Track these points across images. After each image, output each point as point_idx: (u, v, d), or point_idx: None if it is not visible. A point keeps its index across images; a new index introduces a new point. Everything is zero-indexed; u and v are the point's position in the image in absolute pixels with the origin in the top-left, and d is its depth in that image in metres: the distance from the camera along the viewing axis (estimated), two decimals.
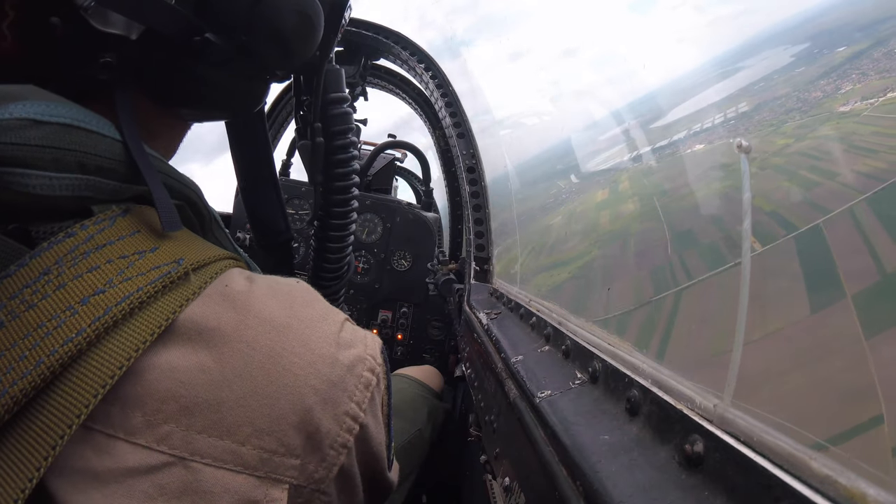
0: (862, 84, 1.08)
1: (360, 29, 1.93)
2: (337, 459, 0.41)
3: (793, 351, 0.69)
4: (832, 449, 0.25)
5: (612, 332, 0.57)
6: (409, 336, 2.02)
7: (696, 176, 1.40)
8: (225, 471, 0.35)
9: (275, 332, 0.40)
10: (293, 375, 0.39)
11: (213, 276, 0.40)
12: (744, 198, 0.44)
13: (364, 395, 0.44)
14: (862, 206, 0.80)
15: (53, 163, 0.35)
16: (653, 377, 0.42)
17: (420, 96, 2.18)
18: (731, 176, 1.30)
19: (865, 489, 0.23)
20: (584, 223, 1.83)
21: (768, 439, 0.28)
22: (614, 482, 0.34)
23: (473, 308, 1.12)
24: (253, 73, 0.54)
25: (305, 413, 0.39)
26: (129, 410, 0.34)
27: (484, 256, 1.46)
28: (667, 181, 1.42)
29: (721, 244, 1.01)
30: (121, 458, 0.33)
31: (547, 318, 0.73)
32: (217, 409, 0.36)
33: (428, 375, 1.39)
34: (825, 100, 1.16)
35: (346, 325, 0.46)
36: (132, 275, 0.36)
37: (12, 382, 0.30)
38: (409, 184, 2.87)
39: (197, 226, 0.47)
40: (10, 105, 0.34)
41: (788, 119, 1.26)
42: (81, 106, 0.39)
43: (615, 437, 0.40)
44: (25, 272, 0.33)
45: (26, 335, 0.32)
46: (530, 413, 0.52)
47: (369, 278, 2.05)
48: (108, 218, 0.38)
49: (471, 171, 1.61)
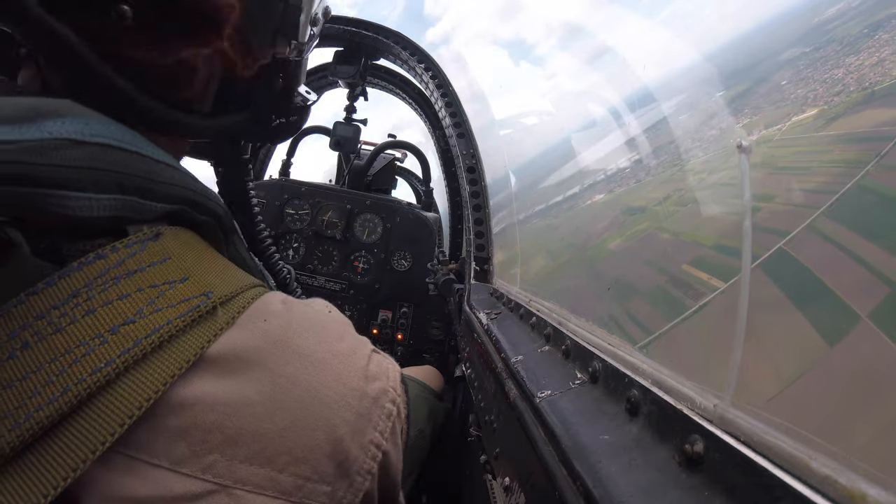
0: (758, 116, 1.10)
1: (360, 29, 1.93)
2: (363, 485, 0.44)
3: (834, 400, 0.61)
4: (832, 449, 0.25)
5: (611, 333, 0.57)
6: (409, 336, 2.02)
7: (607, 223, 1.42)
8: (264, 497, 0.37)
9: (312, 367, 0.43)
10: (328, 408, 0.42)
11: (244, 307, 0.41)
12: (744, 198, 0.44)
13: (386, 425, 0.47)
14: (822, 220, 0.78)
15: (93, 184, 0.35)
16: (653, 377, 0.42)
17: (420, 96, 2.18)
18: (650, 217, 1.31)
19: (865, 489, 0.23)
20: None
21: (768, 439, 0.28)
22: (614, 482, 0.34)
23: (473, 308, 1.12)
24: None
25: (337, 443, 0.42)
26: (175, 441, 0.34)
27: (484, 256, 1.46)
28: (572, 234, 1.41)
29: (663, 288, 0.98)
30: (166, 486, 0.34)
31: (547, 318, 0.73)
32: (259, 439, 0.38)
33: (428, 375, 1.39)
34: (724, 135, 1.17)
35: (372, 357, 0.50)
36: (162, 306, 0.36)
37: (37, 407, 0.30)
38: (409, 184, 2.87)
39: (222, 241, 0.48)
40: (49, 122, 0.34)
41: (690, 157, 1.27)
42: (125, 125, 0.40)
43: (615, 437, 0.40)
44: (53, 292, 0.33)
45: (53, 359, 0.31)
46: (530, 413, 0.52)
47: (369, 278, 2.06)
48: (139, 241, 0.38)
49: (471, 171, 1.61)
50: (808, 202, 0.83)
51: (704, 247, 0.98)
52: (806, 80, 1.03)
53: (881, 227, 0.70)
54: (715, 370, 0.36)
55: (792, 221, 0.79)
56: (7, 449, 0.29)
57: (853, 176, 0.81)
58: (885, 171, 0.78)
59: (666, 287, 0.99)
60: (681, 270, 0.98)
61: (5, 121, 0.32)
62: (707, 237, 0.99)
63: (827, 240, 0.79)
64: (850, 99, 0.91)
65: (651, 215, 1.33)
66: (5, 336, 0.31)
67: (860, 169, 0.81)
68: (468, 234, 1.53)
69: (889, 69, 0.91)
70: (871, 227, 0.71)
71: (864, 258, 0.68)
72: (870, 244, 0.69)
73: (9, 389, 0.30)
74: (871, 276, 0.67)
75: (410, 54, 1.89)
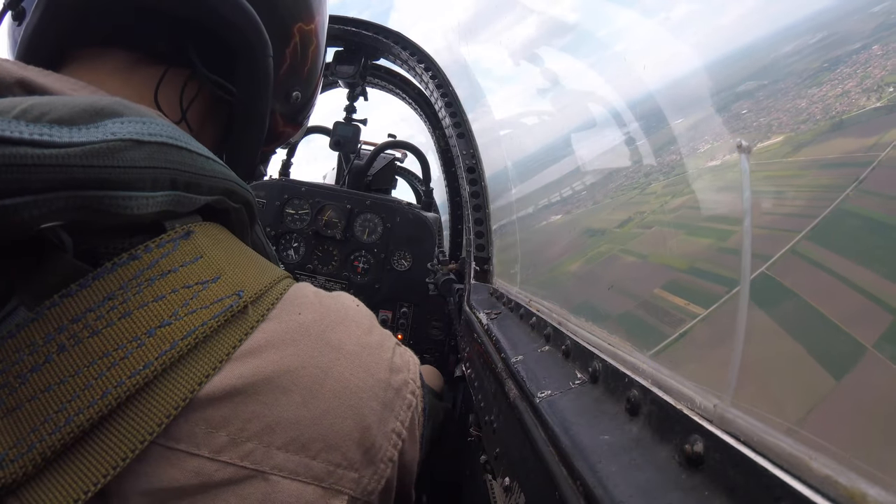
0: (720, 142, 1.09)
1: (359, 29, 1.93)
2: (385, 472, 0.46)
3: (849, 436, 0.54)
4: (832, 449, 0.25)
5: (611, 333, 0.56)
6: (409, 336, 2.02)
7: (566, 244, 1.41)
8: (298, 482, 0.38)
9: (345, 359, 0.45)
10: (358, 398, 0.44)
11: (275, 301, 0.43)
12: (744, 197, 0.44)
13: (406, 415, 0.50)
14: (805, 245, 0.75)
15: (152, 182, 0.35)
16: (653, 377, 0.42)
17: (420, 96, 2.18)
18: (613, 240, 1.30)
19: (865, 489, 0.23)
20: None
21: (768, 439, 0.28)
22: (614, 482, 0.34)
23: (473, 308, 1.12)
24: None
25: (365, 430, 0.44)
26: (216, 430, 0.35)
27: (484, 256, 1.46)
28: (528, 255, 1.40)
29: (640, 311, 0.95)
30: (207, 474, 0.35)
31: (547, 318, 0.73)
32: (295, 426, 0.39)
33: (428, 375, 1.39)
34: (685, 159, 1.16)
35: (396, 349, 0.53)
36: (196, 307, 0.36)
37: (77, 411, 0.30)
38: (410, 184, 2.87)
39: (248, 226, 0.51)
40: (108, 123, 0.34)
41: (651, 181, 1.26)
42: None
43: (615, 437, 0.40)
44: (88, 294, 0.33)
45: (91, 363, 0.31)
46: (530, 413, 0.52)
47: (369, 278, 2.05)
48: (171, 240, 0.38)
49: (471, 171, 1.61)
50: (786, 226, 0.81)
51: (677, 270, 0.96)
52: (767, 109, 1.03)
53: (872, 251, 0.68)
54: (709, 391, 0.36)
55: (772, 245, 0.77)
56: (48, 452, 0.29)
57: (832, 200, 0.79)
58: (864, 196, 0.76)
59: (637, 313, 0.97)
60: (653, 295, 0.97)
61: (63, 122, 0.31)
62: (678, 260, 0.97)
63: (815, 265, 0.76)
64: (819, 127, 0.90)
65: (612, 238, 1.32)
66: (41, 340, 0.31)
67: (838, 193, 0.79)
68: (468, 234, 1.53)
69: (855, 99, 0.90)
70: (863, 251, 0.69)
71: (860, 284, 0.65)
72: (864, 269, 0.66)
73: (47, 393, 0.30)
74: (871, 304, 0.64)
75: (410, 54, 1.89)
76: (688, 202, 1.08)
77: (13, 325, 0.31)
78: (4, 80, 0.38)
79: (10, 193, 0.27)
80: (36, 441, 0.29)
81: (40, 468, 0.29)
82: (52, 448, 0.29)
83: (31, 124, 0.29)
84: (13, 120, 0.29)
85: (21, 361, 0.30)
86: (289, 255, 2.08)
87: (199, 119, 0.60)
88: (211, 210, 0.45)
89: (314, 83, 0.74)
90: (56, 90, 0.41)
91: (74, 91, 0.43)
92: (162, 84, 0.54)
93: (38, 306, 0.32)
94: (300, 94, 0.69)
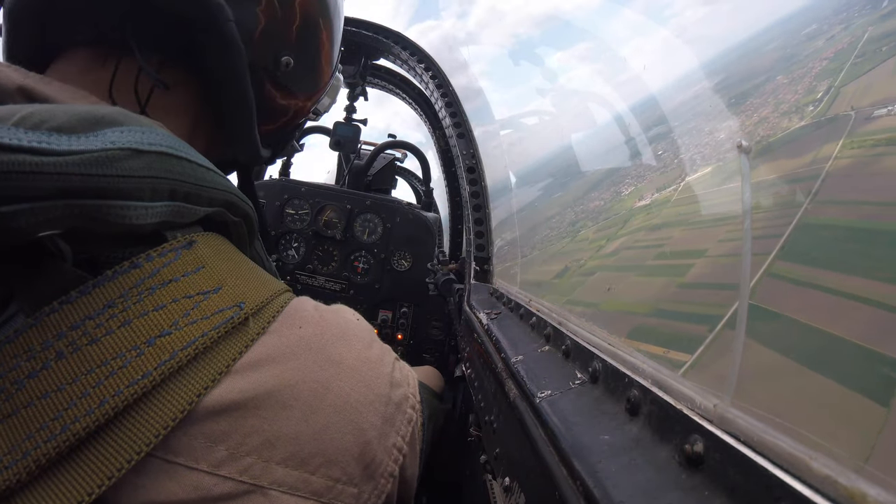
0: (644, 182, 1.09)
1: (360, 29, 1.93)
2: (385, 487, 0.46)
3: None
4: (832, 449, 0.25)
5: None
6: (409, 336, 2.02)
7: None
8: (297, 497, 0.38)
9: (345, 373, 0.45)
10: (358, 413, 0.44)
11: (275, 314, 0.43)
12: (744, 197, 0.44)
13: (407, 430, 0.50)
14: (780, 264, 0.73)
15: (151, 192, 0.35)
16: (653, 377, 0.42)
17: (420, 96, 2.18)
18: (552, 291, 1.29)
19: (865, 489, 0.23)
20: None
21: (768, 439, 0.28)
22: (614, 482, 0.34)
23: (473, 308, 1.12)
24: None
25: (365, 446, 0.44)
26: (215, 445, 0.35)
27: (484, 256, 1.46)
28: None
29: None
30: (206, 488, 0.34)
31: (547, 318, 0.73)
32: (295, 441, 0.39)
33: (428, 376, 1.39)
34: (611, 204, 1.16)
35: (395, 364, 0.53)
36: (197, 317, 0.36)
37: (74, 419, 0.30)
38: (409, 184, 2.87)
39: (246, 240, 0.50)
40: (108, 131, 0.34)
41: (579, 228, 1.26)
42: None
43: (615, 437, 0.40)
44: (87, 301, 0.33)
45: (89, 371, 0.31)
46: (530, 413, 0.52)
47: (369, 278, 2.05)
48: (173, 249, 0.38)
49: (471, 171, 1.61)
50: (756, 249, 0.79)
51: (640, 315, 0.94)
52: (685, 146, 1.03)
53: (861, 259, 0.65)
54: (709, 391, 0.35)
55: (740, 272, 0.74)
56: (43, 460, 0.29)
57: (792, 216, 0.77)
58: (823, 206, 0.74)
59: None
60: (621, 349, 0.95)
61: (63, 130, 0.31)
62: (637, 305, 0.95)
63: (798, 283, 0.74)
64: (749, 152, 0.90)
65: (551, 289, 1.31)
66: (39, 346, 0.31)
67: (796, 209, 0.77)
68: (468, 234, 1.53)
69: (776, 123, 0.90)
70: (851, 261, 0.66)
71: (866, 296, 0.63)
72: (868, 281, 0.64)
73: (44, 400, 0.30)
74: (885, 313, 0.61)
75: (410, 54, 1.88)
76: (626, 243, 1.07)
77: (11, 330, 0.31)
78: (5, 86, 0.38)
79: (8, 200, 0.26)
80: (31, 448, 0.28)
81: (35, 476, 0.29)
82: (47, 456, 0.29)
83: (30, 131, 0.29)
84: (12, 127, 0.28)
85: (18, 367, 0.30)
86: (289, 256, 2.08)
87: (181, 109, 0.54)
88: (211, 222, 0.44)
89: (315, 46, 0.63)
90: (56, 98, 0.41)
91: (75, 99, 0.43)
92: (121, 77, 0.48)
93: (37, 312, 0.31)
94: (292, 60, 0.59)
